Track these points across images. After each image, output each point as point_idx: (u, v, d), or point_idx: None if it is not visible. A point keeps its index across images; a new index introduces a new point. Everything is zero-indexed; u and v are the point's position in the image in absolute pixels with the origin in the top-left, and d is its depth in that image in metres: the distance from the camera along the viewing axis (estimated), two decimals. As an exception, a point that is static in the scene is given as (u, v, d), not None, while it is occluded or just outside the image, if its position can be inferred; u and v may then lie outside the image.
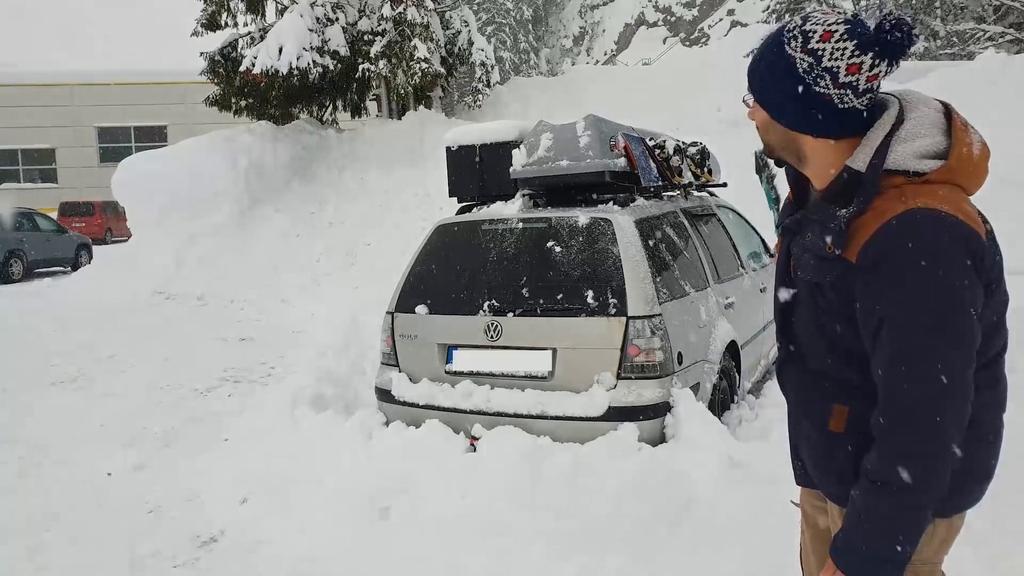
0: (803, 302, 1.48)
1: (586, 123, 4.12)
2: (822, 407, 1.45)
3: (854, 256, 1.29)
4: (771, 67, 1.36)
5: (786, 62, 1.33)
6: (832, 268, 1.34)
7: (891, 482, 1.26)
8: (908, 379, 1.25)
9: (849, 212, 1.30)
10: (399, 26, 12.83)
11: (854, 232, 1.30)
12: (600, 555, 2.93)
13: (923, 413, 1.24)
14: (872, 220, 1.28)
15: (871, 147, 1.31)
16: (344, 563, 3.16)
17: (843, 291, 1.34)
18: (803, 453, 1.58)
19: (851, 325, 1.35)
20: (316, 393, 4.73)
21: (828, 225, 1.33)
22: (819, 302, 1.41)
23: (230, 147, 12.09)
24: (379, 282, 7.66)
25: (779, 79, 1.35)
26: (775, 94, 1.38)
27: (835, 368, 1.42)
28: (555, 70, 33.72)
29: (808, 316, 1.47)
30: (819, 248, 1.35)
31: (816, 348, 1.46)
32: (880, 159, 1.30)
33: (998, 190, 5.91)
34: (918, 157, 1.30)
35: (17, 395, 6.09)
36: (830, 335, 1.41)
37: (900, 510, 1.27)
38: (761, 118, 1.43)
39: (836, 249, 1.31)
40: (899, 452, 1.26)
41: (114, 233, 22.82)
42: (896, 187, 1.29)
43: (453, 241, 4.14)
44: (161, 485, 4.12)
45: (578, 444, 3.44)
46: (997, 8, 18.44)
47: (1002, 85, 7.89)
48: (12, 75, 28.95)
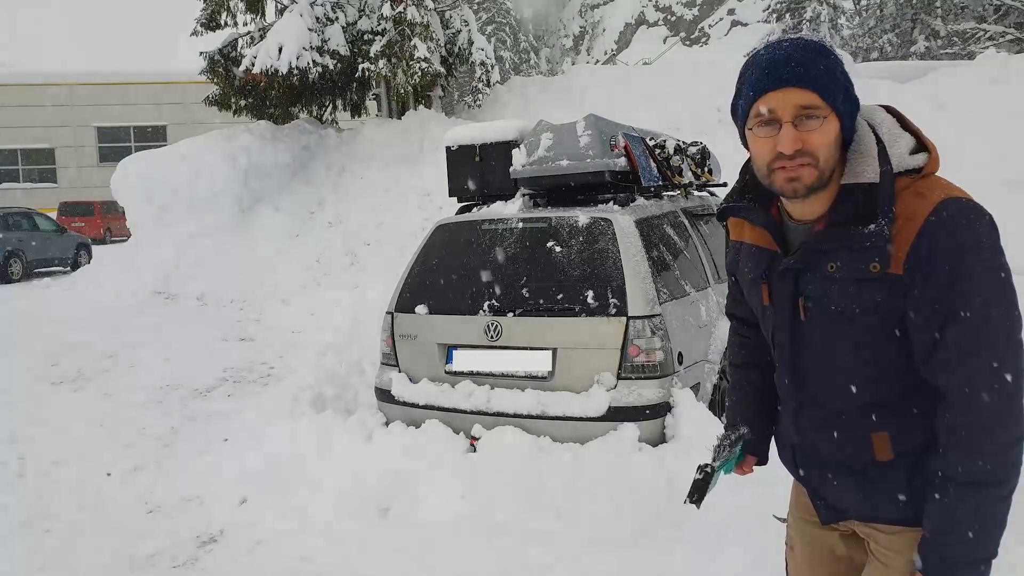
0: (829, 341, 1.35)
1: (586, 123, 4.12)
2: (859, 442, 1.37)
3: (900, 267, 1.23)
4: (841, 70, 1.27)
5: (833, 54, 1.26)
6: (878, 288, 1.25)
7: (985, 480, 1.22)
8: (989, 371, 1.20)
9: (882, 225, 1.22)
10: (399, 26, 12.82)
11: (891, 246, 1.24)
12: (600, 555, 2.93)
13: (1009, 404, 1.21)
14: (905, 226, 1.22)
15: (872, 156, 1.27)
16: (344, 563, 3.15)
17: (885, 308, 1.26)
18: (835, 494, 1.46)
19: (892, 342, 1.29)
20: (316, 393, 4.73)
21: (864, 245, 1.24)
22: (860, 332, 1.30)
23: (230, 147, 12.07)
24: (379, 282, 7.66)
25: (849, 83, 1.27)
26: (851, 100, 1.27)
27: (866, 394, 1.35)
28: (555, 70, 33.71)
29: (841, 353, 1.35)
30: (858, 271, 1.26)
31: (842, 382, 1.36)
32: (888, 165, 1.26)
33: (999, 190, 5.92)
34: (910, 154, 1.28)
35: (17, 395, 6.09)
36: (872, 361, 1.32)
37: (995, 505, 1.24)
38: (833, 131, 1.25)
39: (880, 267, 1.24)
40: (991, 447, 1.22)
41: (114, 233, 22.81)
42: (906, 188, 1.25)
43: (453, 241, 4.14)
44: (161, 485, 4.12)
45: (578, 444, 3.44)
46: (997, 8, 18.44)
47: (1002, 85, 7.89)
48: (12, 75, 28.95)
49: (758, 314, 1.55)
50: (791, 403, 1.48)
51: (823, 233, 1.30)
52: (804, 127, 1.23)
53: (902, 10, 22.31)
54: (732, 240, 1.57)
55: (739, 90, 1.32)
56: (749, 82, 1.28)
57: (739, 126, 1.34)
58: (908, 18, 22.13)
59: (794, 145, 1.23)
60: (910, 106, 7.77)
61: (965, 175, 6.74)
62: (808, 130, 1.23)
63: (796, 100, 1.23)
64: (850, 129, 1.28)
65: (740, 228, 1.52)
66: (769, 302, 1.44)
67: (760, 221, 1.41)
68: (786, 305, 1.39)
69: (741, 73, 1.32)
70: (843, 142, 1.28)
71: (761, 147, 1.28)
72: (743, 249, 1.52)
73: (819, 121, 1.23)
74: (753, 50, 1.37)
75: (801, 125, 1.23)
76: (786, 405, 1.51)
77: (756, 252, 1.46)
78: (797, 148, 1.23)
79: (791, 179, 1.26)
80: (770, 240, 1.41)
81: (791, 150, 1.23)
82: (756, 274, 1.46)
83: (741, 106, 1.31)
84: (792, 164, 1.24)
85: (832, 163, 1.26)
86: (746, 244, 1.50)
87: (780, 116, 1.24)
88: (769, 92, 1.25)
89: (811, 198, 1.30)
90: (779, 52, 1.25)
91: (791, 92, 1.23)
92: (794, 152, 1.23)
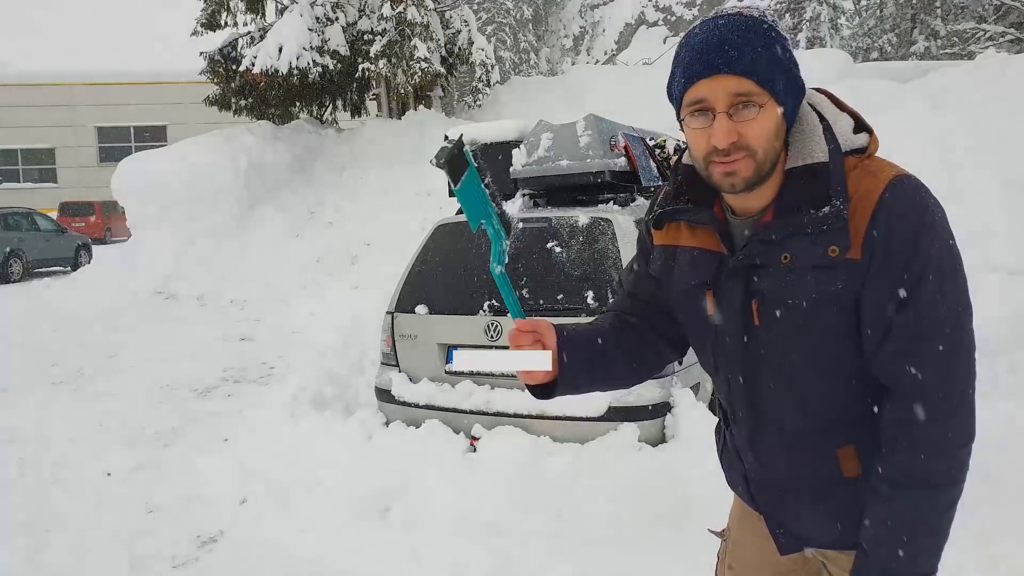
0: (785, 345, 1.21)
1: (586, 123, 4.12)
2: (824, 461, 1.25)
3: (859, 251, 1.11)
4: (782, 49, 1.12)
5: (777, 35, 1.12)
6: (838, 275, 1.13)
7: (934, 482, 1.12)
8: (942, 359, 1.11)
9: (838, 206, 1.11)
10: (399, 26, 12.82)
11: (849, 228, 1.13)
12: (600, 555, 2.93)
13: (962, 397, 1.11)
14: (859, 206, 1.12)
15: (818, 136, 1.17)
16: (344, 563, 3.15)
17: (845, 298, 1.14)
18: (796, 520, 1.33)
19: (852, 341, 1.17)
20: (316, 393, 4.73)
21: (820, 229, 1.12)
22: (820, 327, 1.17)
23: (230, 147, 12.07)
24: (379, 282, 7.67)
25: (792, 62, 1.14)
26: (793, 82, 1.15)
27: (836, 405, 1.22)
28: (555, 70, 33.70)
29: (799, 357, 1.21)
30: (816, 258, 1.13)
31: (809, 395, 1.23)
32: (835, 143, 1.16)
33: (1000, 190, 5.91)
34: (853, 133, 1.19)
35: (17, 395, 6.09)
36: (834, 366, 1.20)
37: (943, 511, 1.13)
38: (772, 120, 1.12)
39: (840, 250, 1.12)
40: (941, 445, 1.11)
41: (114, 233, 22.82)
42: (854, 168, 1.15)
43: (453, 241, 4.14)
44: (161, 485, 4.12)
45: (578, 444, 3.44)
46: (997, 8, 18.44)
47: (1002, 85, 7.89)
48: (12, 75, 28.95)
49: (690, 330, 1.38)
50: (744, 428, 1.33)
51: (773, 222, 1.17)
52: (740, 117, 1.10)
53: (902, 10, 22.31)
54: (659, 245, 1.38)
55: (672, 72, 1.17)
56: (681, 66, 1.14)
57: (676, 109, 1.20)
58: (908, 18, 22.12)
59: (728, 138, 1.11)
60: (910, 106, 7.77)
61: (965, 175, 6.75)
62: (744, 120, 1.10)
63: (730, 88, 1.09)
64: (792, 116, 1.17)
65: (676, 232, 1.35)
66: (715, 312, 1.28)
67: (704, 220, 1.26)
68: (737, 310, 1.24)
69: (675, 53, 1.17)
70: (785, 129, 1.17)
71: (695, 139, 1.16)
72: (679, 255, 1.33)
73: (756, 110, 1.10)
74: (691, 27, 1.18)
75: (736, 115, 1.10)
76: (737, 429, 1.36)
77: (697, 257, 1.29)
78: (732, 141, 1.11)
79: (727, 174, 1.13)
80: (715, 241, 1.26)
81: (725, 144, 1.11)
82: (699, 280, 1.29)
83: (675, 91, 1.17)
84: (727, 159, 1.12)
85: (773, 154, 1.14)
86: (683, 249, 1.33)
87: (713, 106, 1.11)
88: (701, 79, 1.11)
89: (768, 185, 1.18)
90: (713, 33, 1.11)
91: (724, 79, 1.09)
92: (729, 146, 1.11)
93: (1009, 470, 3.38)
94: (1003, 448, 3.53)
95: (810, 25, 25.85)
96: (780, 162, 1.17)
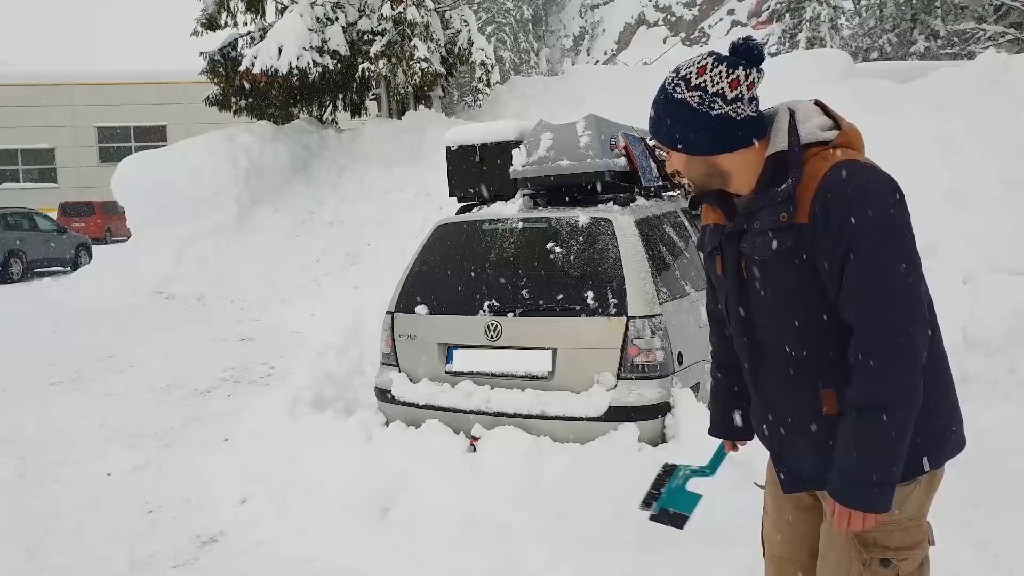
0: (766, 295, 1.56)
1: (586, 123, 4.12)
2: (810, 400, 1.54)
3: (805, 216, 1.46)
4: (671, 115, 1.55)
5: (681, 106, 1.54)
6: (788, 235, 1.48)
7: (881, 404, 1.40)
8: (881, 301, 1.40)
9: (790, 184, 1.48)
10: (399, 26, 12.82)
11: (797, 200, 1.48)
12: (600, 556, 2.93)
13: (900, 331, 1.40)
14: (809, 183, 1.47)
15: (783, 131, 1.53)
16: (344, 563, 3.16)
17: (803, 256, 1.47)
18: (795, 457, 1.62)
19: (815, 291, 1.48)
20: (316, 393, 4.73)
21: (776, 202, 1.49)
22: (784, 279, 1.51)
23: (230, 147, 12.07)
24: (379, 282, 7.66)
25: (682, 122, 1.55)
26: (684, 134, 1.56)
27: (813, 350, 1.52)
28: (555, 70, 33.69)
29: (775, 304, 1.55)
30: (772, 223, 1.50)
31: (789, 338, 1.54)
32: (795, 136, 1.52)
33: (999, 190, 5.91)
34: (821, 130, 1.54)
35: (17, 395, 6.09)
36: (802, 312, 1.51)
37: (892, 428, 1.40)
38: (680, 160, 1.60)
39: (788, 216, 1.48)
40: (886, 372, 1.40)
41: (114, 233, 22.81)
42: (814, 155, 1.50)
43: (453, 241, 4.14)
44: (161, 485, 4.12)
45: (578, 444, 3.44)
46: (997, 8, 18.44)
47: (1002, 85, 7.88)
48: (12, 75, 28.95)
49: (718, 290, 1.77)
50: (750, 367, 1.67)
51: (751, 198, 1.58)
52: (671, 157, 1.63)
53: (902, 10, 22.31)
54: (702, 225, 1.82)
55: None
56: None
57: None
58: (908, 18, 22.12)
59: (671, 167, 1.65)
60: (910, 106, 7.77)
61: (965, 175, 6.74)
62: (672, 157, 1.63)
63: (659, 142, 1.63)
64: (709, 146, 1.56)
65: (707, 212, 1.77)
66: (722, 272, 1.68)
67: (713, 201, 1.68)
68: (733, 268, 1.63)
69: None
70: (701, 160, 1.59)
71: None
72: (706, 231, 1.77)
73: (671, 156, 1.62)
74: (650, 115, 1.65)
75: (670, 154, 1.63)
76: (747, 373, 1.69)
77: (713, 229, 1.72)
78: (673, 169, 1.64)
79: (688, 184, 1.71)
80: (722, 215, 1.68)
81: (670, 169, 1.67)
82: (712, 247, 1.71)
83: None
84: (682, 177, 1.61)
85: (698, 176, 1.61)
86: (707, 227, 1.76)
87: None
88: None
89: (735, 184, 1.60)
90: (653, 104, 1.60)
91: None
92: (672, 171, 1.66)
93: (1009, 470, 3.39)
94: (1003, 448, 3.53)
95: (810, 25, 25.83)
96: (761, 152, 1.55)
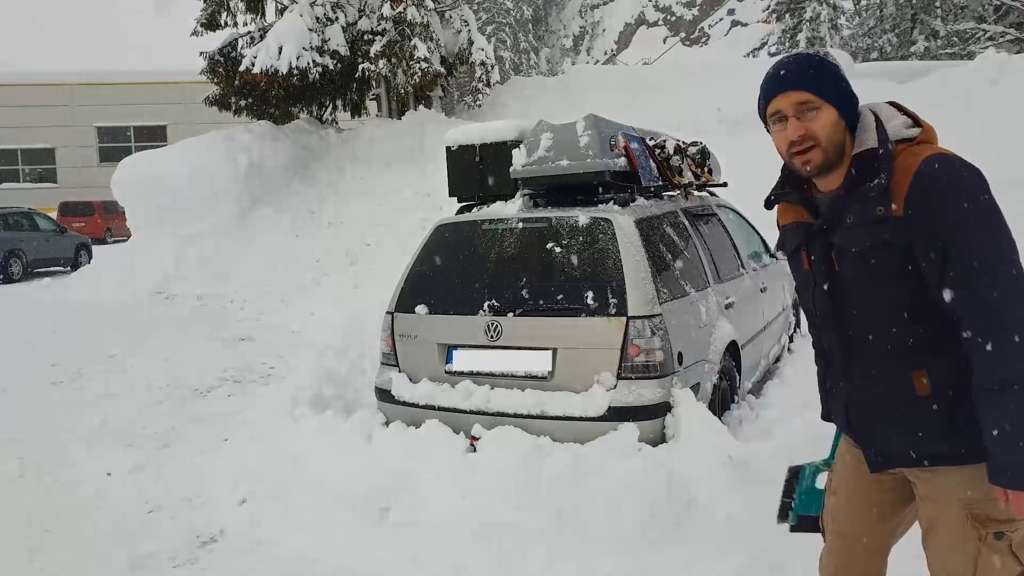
0: (858, 283, 1.61)
1: (586, 123, 4.12)
2: (903, 383, 1.59)
3: (901, 209, 1.51)
4: (828, 70, 1.60)
5: (834, 67, 1.62)
6: (884, 227, 1.53)
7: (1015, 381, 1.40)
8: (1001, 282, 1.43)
9: (883, 179, 1.53)
10: (399, 26, 12.82)
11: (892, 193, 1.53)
12: (600, 556, 2.93)
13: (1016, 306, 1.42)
14: (901, 177, 1.52)
15: (871, 129, 1.60)
16: (344, 563, 3.16)
17: (898, 246, 1.53)
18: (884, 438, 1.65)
19: (909, 280, 1.53)
20: (316, 393, 4.72)
21: (870, 196, 1.54)
22: (878, 269, 1.57)
23: (230, 147, 12.06)
24: (379, 282, 7.66)
25: (840, 80, 1.61)
26: (845, 89, 1.61)
27: (905, 335, 1.57)
28: (555, 70, 33.70)
29: (868, 293, 1.60)
30: (867, 216, 1.55)
31: (882, 324, 1.60)
32: (884, 134, 1.58)
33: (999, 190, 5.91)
34: (905, 128, 1.60)
35: (17, 395, 6.09)
36: (895, 300, 1.57)
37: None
38: (829, 119, 1.59)
39: (884, 209, 1.53)
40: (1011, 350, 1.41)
41: (114, 233, 22.80)
42: (902, 151, 1.56)
43: (453, 241, 4.14)
44: (161, 485, 4.12)
45: (578, 444, 3.44)
46: (997, 8, 18.43)
47: (1002, 85, 7.89)
48: (12, 75, 28.95)
49: (800, 284, 1.83)
50: (840, 352, 1.71)
51: (842, 194, 1.62)
52: (805, 118, 1.59)
53: (902, 10, 22.30)
54: (780, 226, 1.88)
55: (758, 99, 1.69)
56: (762, 91, 1.66)
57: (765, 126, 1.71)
58: (908, 18, 22.12)
59: (798, 132, 1.59)
60: (910, 106, 7.77)
61: (965, 175, 6.70)
62: (809, 120, 1.59)
63: (795, 99, 1.59)
64: (852, 116, 1.62)
65: (783, 213, 1.84)
66: (809, 266, 1.74)
67: (796, 200, 1.76)
68: (822, 261, 1.68)
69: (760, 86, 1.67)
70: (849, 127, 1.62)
71: (778, 139, 1.65)
72: (786, 231, 1.84)
73: (816, 111, 1.58)
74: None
75: (802, 117, 1.59)
76: (837, 358, 1.73)
77: (796, 228, 1.78)
78: (801, 134, 1.59)
79: (804, 160, 1.61)
80: (806, 214, 1.74)
81: (796, 136, 1.59)
82: (797, 244, 1.77)
83: (760, 111, 1.69)
84: (802, 148, 1.59)
85: (835, 143, 1.60)
86: (787, 227, 1.82)
87: (786, 112, 1.61)
88: (776, 96, 1.62)
89: (832, 173, 1.63)
90: (781, 64, 1.63)
91: (791, 94, 1.60)
92: (799, 137, 1.59)
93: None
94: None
95: (810, 25, 25.81)
96: (847, 151, 1.62)
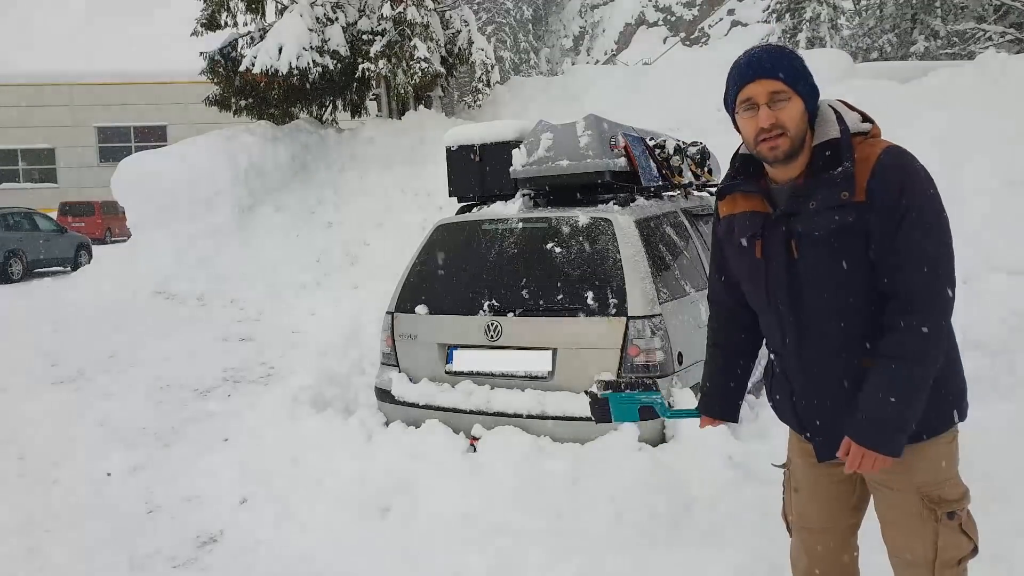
0: (819, 268, 1.67)
1: (586, 123, 4.12)
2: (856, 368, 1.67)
3: (863, 195, 1.60)
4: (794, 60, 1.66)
5: (799, 58, 1.68)
6: (847, 212, 1.61)
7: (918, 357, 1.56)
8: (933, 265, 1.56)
9: (847, 166, 1.61)
10: (399, 26, 12.82)
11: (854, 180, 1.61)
12: (600, 556, 2.93)
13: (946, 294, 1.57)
14: (862, 166, 1.61)
15: (832, 122, 1.68)
16: (344, 563, 3.16)
17: (858, 231, 1.60)
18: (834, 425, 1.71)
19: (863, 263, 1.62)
20: (316, 393, 4.73)
21: (836, 182, 1.61)
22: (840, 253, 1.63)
23: (230, 147, 12.05)
24: (379, 282, 7.66)
25: (808, 74, 1.67)
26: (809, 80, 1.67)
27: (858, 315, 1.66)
28: (555, 70, 33.71)
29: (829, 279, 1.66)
30: (832, 201, 1.62)
31: (840, 310, 1.67)
32: (845, 125, 1.66)
33: (1000, 190, 5.91)
34: (859, 122, 1.70)
35: (17, 395, 6.09)
36: (855, 285, 1.64)
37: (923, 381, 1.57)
38: (796, 110, 1.64)
39: (848, 194, 1.60)
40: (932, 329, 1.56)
41: (114, 233, 22.81)
42: (859, 143, 1.65)
43: (453, 241, 4.14)
44: (161, 485, 4.12)
45: (578, 444, 3.44)
46: (997, 8, 18.43)
47: (1002, 85, 7.89)
48: (12, 75, 28.92)
49: (746, 276, 1.85)
50: (792, 345, 1.76)
51: (805, 182, 1.69)
52: (776, 107, 1.64)
53: (902, 10, 22.30)
54: (723, 216, 1.90)
55: (727, 86, 1.73)
56: (733, 79, 1.70)
57: (730, 114, 1.75)
58: (908, 18, 22.11)
59: (769, 120, 1.63)
60: (910, 106, 7.77)
61: (965, 175, 6.72)
62: (779, 109, 1.63)
63: (768, 88, 1.64)
64: (813, 111, 1.69)
65: (733, 203, 1.86)
66: (762, 255, 1.76)
67: (753, 189, 1.78)
68: (780, 249, 1.72)
69: (728, 74, 1.72)
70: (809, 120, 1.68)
71: (747, 126, 1.69)
72: (736, 220, 1.84)
73: (786, 102, 1.64)
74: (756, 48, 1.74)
75: (774, 106, 1.64)
76: (786, 352, 1.79)
77: (749, 216, 1.80)
78: (772, 123, 1.63)
79: (772, 148, 1.65)
80: (762, 203, 1.77)
81: (767, 124, 1.63)
82: (751, 233, 1.79)
83: (729, 98, 1.73)
84: (771, 136, 1.64)
85: (801, 133, 1.65)
86: (738, 215, 1.83)
87: (758, 100, 1.65)
88: (748, 84, 1.66)
89: (791, 163, 1.68)
90: (753, 54, 1.69)
91: (764, 82, 1.64)
92: (770, 125, 1.63)
93: (1009, 470, 3.38)
94: (1003, 448, 3.53)
95: (810, 25, 25.79)
96: (807, 143, 1.68)
